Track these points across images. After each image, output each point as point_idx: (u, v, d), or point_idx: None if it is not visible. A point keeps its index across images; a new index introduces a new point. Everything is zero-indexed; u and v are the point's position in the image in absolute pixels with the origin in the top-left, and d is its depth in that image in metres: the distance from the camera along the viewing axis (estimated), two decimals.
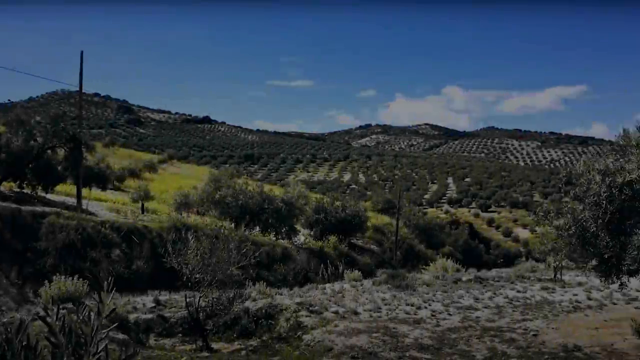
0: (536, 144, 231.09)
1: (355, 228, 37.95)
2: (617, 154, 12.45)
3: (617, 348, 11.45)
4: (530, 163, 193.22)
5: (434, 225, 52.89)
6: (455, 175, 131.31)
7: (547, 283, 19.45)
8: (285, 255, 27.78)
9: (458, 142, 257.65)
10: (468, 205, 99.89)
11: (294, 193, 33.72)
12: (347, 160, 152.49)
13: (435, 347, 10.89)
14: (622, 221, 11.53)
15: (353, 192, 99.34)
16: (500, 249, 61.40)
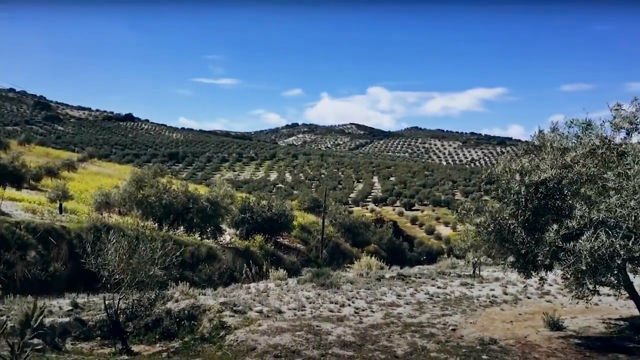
0: (457, 144, 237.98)
1: (282, 227, 38.00)
2: (531, 153, 12.94)
3: (530, 340, 11.93)
4: (452, 162, 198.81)
5: (360, 224, 53.51)
6: (380, 174, 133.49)
7: (466, 279, 20.05)
8: (211, 255, 27.46)
9: (383, 142, 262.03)
10: (393, 204, 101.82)
11: (219, 192, 33.34)
12: (273, 160, 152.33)
13: (357, 344, 11.02)
14: (537, 218, 12.02)
15: (279, 191, 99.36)
16: (423, 247, 62.76)
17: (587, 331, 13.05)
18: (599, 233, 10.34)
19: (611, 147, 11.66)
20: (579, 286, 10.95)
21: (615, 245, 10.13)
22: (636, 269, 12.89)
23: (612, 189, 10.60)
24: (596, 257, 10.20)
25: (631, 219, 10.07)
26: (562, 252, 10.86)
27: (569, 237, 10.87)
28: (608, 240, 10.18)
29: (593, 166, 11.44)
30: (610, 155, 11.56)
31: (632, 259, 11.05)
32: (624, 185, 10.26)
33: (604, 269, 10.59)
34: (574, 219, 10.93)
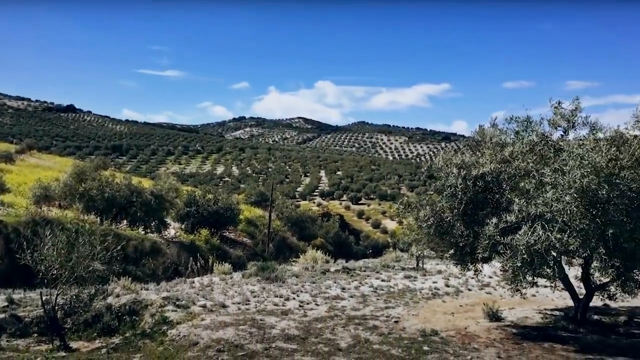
0: (404, 139, 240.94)
1: (228, 221, 37.69)
2: (472, 148, 13.22)
3: (470, 331, 12.20)
4: (398, 157, 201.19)
5: (306, 218, 53.56)
6: (328, 168, 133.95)
7: (410, 272, 20.35)
8: (155, 249, 27.02)
9: (330, 136, 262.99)
10: (339, 198, 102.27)
11: (164, 186, 32.79)
12: (220, 153, 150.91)
13: (301, 337, 11.05)
14: (476, 212, 12.29)
15: (226, 185, 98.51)
16: (369, 240, 63.23)
17: (524, 322, 13.44)
18: (536, 227, 10.65)
19: (549, 144, 12.03)
20: (517, 279, 11.24)
21: (551, 239, 10.46)
22: (571, 261, 13.36)
23: (548, 184, 10.93)
24: (532, 251, 10.51)
25: (566, 213, 10.41)
26: (500, 246, 11.15)
27: (508, 231, 11.17)
28: (544, 234, 10.50)
29: (531, 161, 11.77)
30: (547, 152, 11.92)
31: (567, 251, 11.43)
32: (560, 181, 10.58)
33: (541, 262, 10.90)
34: (512, 212, 11.22)
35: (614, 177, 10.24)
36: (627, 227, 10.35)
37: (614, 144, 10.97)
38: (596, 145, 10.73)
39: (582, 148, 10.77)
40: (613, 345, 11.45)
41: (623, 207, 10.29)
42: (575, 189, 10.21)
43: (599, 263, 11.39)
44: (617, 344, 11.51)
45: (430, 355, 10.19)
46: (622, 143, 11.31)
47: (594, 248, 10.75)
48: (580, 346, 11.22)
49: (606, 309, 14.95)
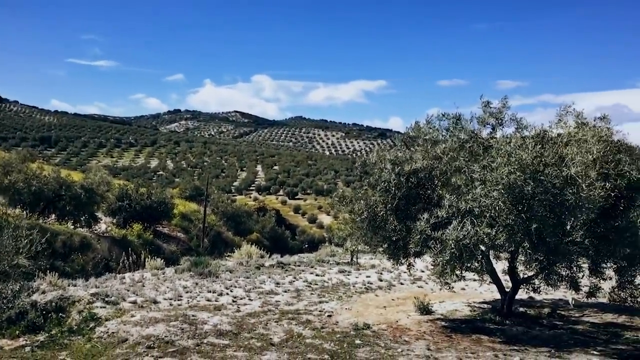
0: (340, 135, 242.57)
1: (162, 215, 37.00)
2: (406, 145, 13.42)
3: (402, 324, 12.42)
4: (334, 152, 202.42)
5: (242, 212, 53.27)
6: (264, 163, 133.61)
7: (344, 266, 20.54)
8: (85, 245, 26.26)
9: (267, 131, 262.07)
10: (276, 193, 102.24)
11: (95, 179, 31.86)
12: (154, 146, 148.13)
13: (234, 332, 10.98)
14: (408, 207, 12.50)
15: (160, 179, 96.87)
16: (305, 235, 63.50)
17: (453, 314, 13.78)
18: (465, 222, 10.92)
19: (478, 141, 12.34)
20: (446, 272, 11.50)
21: (479, 234, 10.75)
22: (498, 255, 13.78)
23: (477, 180, 11.21)
24: (461, 245, 10.78)
25: (494, 209, 10.71)
26: (431, 241, 11.38)
27: (439, 226, 11.42)
28: (473, 229, 10.79)
29: (462, 158, 12.04)
30: (477, 148, 12.23)
31: (495, 246, 11.77)
32: (488, 177, 10.88)
33: (469, 256, 11.20)
34: (443, 208, 11.47)
35: (539, 174, 10.60)
36: (550, 222, 10.74)
37: (539, 142, 11.37)
38: (522, 142, 11.08)
39: (509, 145, 11.11)
40: (537, 336, 11.88)
41: (547, 202, 10.67)
42: (502, 185, 10.52)
43: (524, 257, 11.77)
44: (540, 335, 11.95)
45: (362, 348, 10.31)
46: (547, 141, 11.75)
47: (519, 242, 11.12)
48: (506, 337, 11.59)
49: (531, 301, 15.49)
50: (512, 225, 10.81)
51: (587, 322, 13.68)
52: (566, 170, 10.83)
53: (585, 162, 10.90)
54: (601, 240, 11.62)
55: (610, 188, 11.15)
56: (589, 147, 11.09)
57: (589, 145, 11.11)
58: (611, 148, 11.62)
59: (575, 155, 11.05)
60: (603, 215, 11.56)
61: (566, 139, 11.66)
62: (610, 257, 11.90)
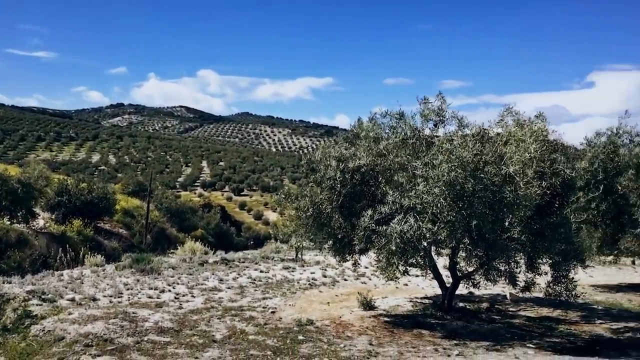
0: (287, 131, 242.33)
1: (103, 211, 36.14)
2: (350, 142, 13.51)
3: (345, 320, 12.51)
4: (281, 149, 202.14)
5: (187, 209, 52.62)
6: (210, 159, 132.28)
7: (289, 263, 20.54)
8: (21, 241, 25.42)
9: (213, 126, 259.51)
10: (221, 189, 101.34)
11: (33, 173, 30.89)
12: (96, 140, 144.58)
13: (175, 329, 10.84)
14: (353, 204, 12.59)
15: (102, 174, 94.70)
16: (251, 232, 63.25)
17: (396, 310, 13.97)
18: (408, 217, 11.09)
19: (420, 138, 12.54)
20: (390, 267, 11.64)
21: (422, 229, 10.93)
22: (440, 252, 14.04)
23: (420, 177, 11.39)
24: (405, 239, 10.94)
25: (435, 205, 10.89)
26: (375, 236, 11.51)
27: (382, 222, 11.55)
28: (416, 224, 10.95)
29: (404, 155, 12.21)
30: (419, 145, 12.42)
31: (436, 241, 12.01)
32: (430, 174, 11.06)
33: (412, 251, 11.38)
34: (386, 204, 11.61)
35: (479, 172, 10.85)
36: (490, 218, 11.00)
37: (480, 141, 11.64)
38: (463, 141, 11.30)
39: (450, 143, 11.32)
40: (476, 330, 12.17)
41: (486, 200, 10.93)
42: (443, 182, 10.71)
43: (464, 253, 12.03)
44: (479, 329, 12.25)
45: (304, 344, 10.34)
46: (487, 140, 12.03)
47: (460, 238, 11.35)
48: (446, 332, 11.83)
49: (471, 296, 15.87)
50: (453, 222, 11.01)
51: (523, 316, 14.10)
52: (505, 168, 11.13)
53: (523, 160, 11.23)
54: (537, 237, 12.00)
55: (546, 186, 11.53)
56: (527, 146, 11.41)
57: (527, 144, 11.43)
58: (547, 147, 12.00)
59: (514, 154, 11.36)
60: (539, 212, 11.94)
61: (505, 138, 11.97)
62: (545, 252, 12.28)
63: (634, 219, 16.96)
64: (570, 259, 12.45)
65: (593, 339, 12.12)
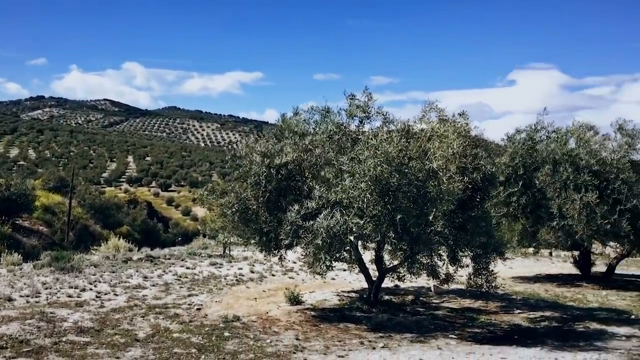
0: (216, 126, 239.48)
1: (21, 208, 34.69)
2: (276, 137, 13.45)
3: (271, 315, 12.47)
4: (210, 144, 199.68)
5: (112, 205, 51.27)
6: (136, 154, 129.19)
7: (216, 259, 20.32)
8: None
9: (139, 120, 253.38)
10: (148, 185, 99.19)
11: None
12: (14, 134, 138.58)
13: (96, 329, 10.51)
14: (279, 199, 12.55)
15: (21, 169, 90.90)
16: (179, 228, 62.27)
17: (323, 304, 14.05)
18: (335, 212, 11.15)
19: (346, 134, 12.63)
20: (316, 261, 11.66)
21: (348, 223, 11.02)
22: (366, 246, 14.19)
23: (346, 172, 11.47)
24: (331, 234, 11.00)
25: (361, 200, 11.00)
26: (302, 231, 11.51)
27: (309, 217, 11.57)
28: (342, 219, 11.03)
29: (331, 150, 12.26)
30: (345, 141, 12.51)
31: (363, 236, 12.14)
32: (356, 169, 11.15)
33: (339, 245, 11.45)
34: (313, 199, 11.63)
35: (404, 167, 11.03)
36: (414, 213, 11.20)
37: (404, 136, 11.84)
38: (389, 136, 11.45)
39: (376, 139, 11.45)
40: (401, 322, 12.39)
41: (410, 194, 11.13)
42: (369, 177, 10.83)
43: (389, 247, 12.19)
44: (404, 322, 12.47)
45: (230, 340, 10.23)
46: (412, 135, 12.25)
47: (385, 232, 11.49)
48: (372, 325, 11.98)
49: (397, 289, 16.14)
50: (379, 216, 11.16)
51: (446, 307, 14.47)
52: (429, 163, 11.37)
53: (446, 156, 11.48)
54: (459, 230, 12.31)
55: (468, 181, 11.84)
56: (450, 142, 11.67)
57: (450, 140, 11.70)
58: (469, 143, 12.31)
59: (437, 149, 11.61)
60: (461, 207, 12.25)
61: (429, 134, 12.21)
62: (467, 245, 12.62)
63: (551, 212, 17.65)
64: (491, 251, 12.84)
65: (512, 328, 12.58)
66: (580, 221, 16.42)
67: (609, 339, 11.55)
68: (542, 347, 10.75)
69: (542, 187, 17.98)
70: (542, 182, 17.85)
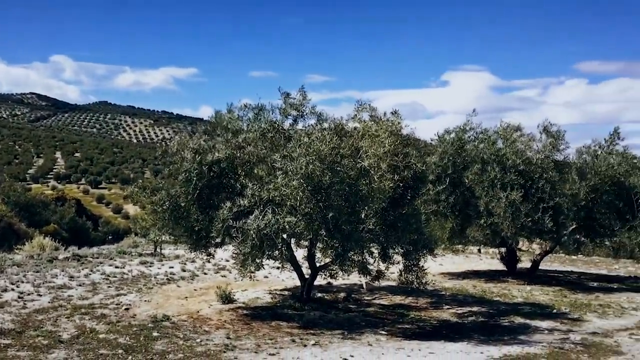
0: (149, 122, 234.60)
1: None
2: (209, 134, 13.30)
3: (202, 314, 12.32)
4: (143, 140, 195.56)
5: (38, 202, 49.46)
6: (65, 149, 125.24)
7: (147, 258, 19.89)
8: None
9: (68, 115, 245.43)
10: (77, 182, 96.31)
11: None
12: None
13: (17, 330, 10.10)
14: (211, 197, 12.41)
15: None
16: (109, 226, 60.78)
17: (255, 302, 13.99)
18: (267, 211, 11.11)
19: (280, 132, 12.60)
20: (247, 262, 11.60)
21: (280, 222, 11.00)
22: (299, 243, 14.21)
23: (279, 170, 11.45)
24: (262, 234, 10.95)
25: (294, 198, 10.99)
26: (233, 230, 11.41)
27: (241, 215, 11.48)
28: (274, 218, 11.00)
29: (264, 148, 12.21)
30: (279, 139, 12.48)
31: (295, 234, 12.15)
32: (289, 167, 11.15)
33: (270, 245, 11.41)
34: (245, 197, 11.55)
35: (336, 165, 11.10)
36: (346, 210, 11.30)
37: (337, 135, 11.91)
38: (321, 135, 11.49)
39: (309, 137, 11.48)
40: (332, 320, 12.48)
41: (343, 192, 11.22)
42: (301, 175, 10.84)
43: (322, 244, 12.24)
44: (335, 319, 12.57)
45: (159, 341, 10.05)
46: (344, 134, 12.34)
47: (317, 230, 11.54)
48: (304, 322, 12.02)
49: (329, 286, 16.23)
50: (311, 214, 11.20)
51: (378, 304, 14.66)
52: (360, 162, 11.48)
53: (377, 154, 11.63)
54: (390, 227, 12.48)
55: (399, 179, 12.03)
56: (381, 140, 11.83)
57: (381, 138, 11.85)
58: (401, 142, 12.50)
59: (369, 148, 11.75)
60: (392, 204, 12.43)
61: (362, 133, 12.34)
62: (397, 242, 12.82)
63: (479, 210, 18.14)
64: (420, 248, 13.08)
65: (440, 323, 12.86)
66: (506, 219, 16.94)
67: (532, 333, 11.98)
68: (469, 341, 11.05)
69: (470, 186, 18.45)
70: (470, 181, 18.31)
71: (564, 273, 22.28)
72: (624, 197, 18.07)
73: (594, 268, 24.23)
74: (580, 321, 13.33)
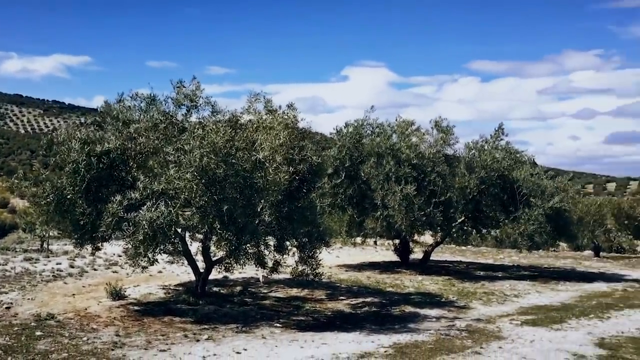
0: (38, 112, 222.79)
1: None
2: (98, 124, 12.77)
3: (91, 312, 11.84)
4: (31, 131, 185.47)
5: None
6: None
7: (32, 254, 18.88)
8: None
9: None
10: None
11: None
12: None
13: None
14: (100, 189, 11.91)
15: None
16: None
17: (147, 298, 13.62)
18: (159, 204, 10.81)
19: (173, 123, 12.29)
20: (138, 255, 11.24)
21: (172, 215, 10.74)
22: (194, 237, 13.95)
23: (172, 162, 11.17)
24: (155, 226, 10.65)
25: (188, 190, 10.77)
26: (124, 223, 11.02)
27: (132, 208, 11.10)
28: (167, 210, 10.72)
29: (156, 139, 11.86)
30: (172, 130, 12.16)
31: (190, 227, 11.93)
32: (183, 159, 10.90)
33: (163, 238, 11.13)
34: (137, 190, 11.18)
35: (230, 157, 10.96)
36: (241, 203, 11.19)
37: (232, 126, 11.77)
38: (216, 126, 11.31)
39: (203, 129, 11.28)
40: (227, 313, 12.36)
41: (237, 185, 11.10)
42: (195, 168, 10.63)
43: (216, 237, 12.08)
44: (230, 312, 12.46)
45: (42, 340, 9.57)
46: (239, 126, 12.22)
47: (211, 223, 11.37)
48: (198, 317, 11.82)
49: (226, 280, 16.08)
50: (205, 207, 11.02)
51: (274, 297, 14.68)
52: (255, 154, 11.40)
53: (273, 147, 11.59)
54: (286, 220, 12.50)
55: (295, 172, 12.06)
56: (277, 133, 11.80)
57: (277, 131, 11.82)
58: (297, 135, 12.54)
59: (265, 140, 11.69)
60: (288, 197, 12.43)
61: (256, 125, 12.27)
62: (293, 234, 12.87)
63: (375, 203, 18.59)
64: (315, 240, 13.20)
65: (334, 314, 13.05)
66: (400, 212, 17.47)
67: (421, 321, 12.40)
68: (361, 331, 11.27)
69: (367, 179, 18.86)
70: (367, 174, 18.72)
71: (454, 263, 23.28)
72: (508, 190, 19.12)
73: (481, 258, 25.48)
74: (466, 309, 13.95)
